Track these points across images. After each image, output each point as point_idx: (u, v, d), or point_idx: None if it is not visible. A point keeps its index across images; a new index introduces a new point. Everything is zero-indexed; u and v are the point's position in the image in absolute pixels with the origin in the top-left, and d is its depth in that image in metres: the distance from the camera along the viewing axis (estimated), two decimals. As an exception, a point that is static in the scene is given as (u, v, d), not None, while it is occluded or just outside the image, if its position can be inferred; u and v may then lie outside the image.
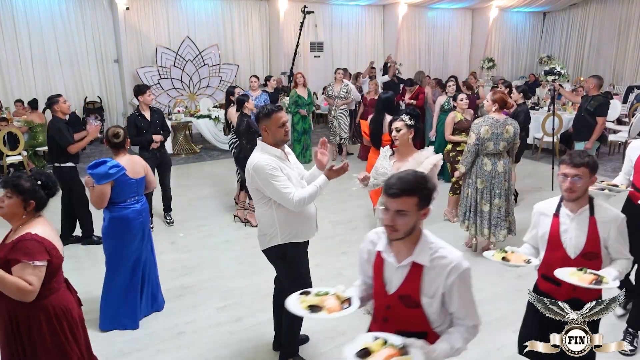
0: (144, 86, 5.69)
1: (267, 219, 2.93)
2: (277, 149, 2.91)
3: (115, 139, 3.73)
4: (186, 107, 10.47)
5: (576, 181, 2.35)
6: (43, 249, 2.29)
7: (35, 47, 10.04)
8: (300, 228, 2.97)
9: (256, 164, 2.81)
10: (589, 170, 2.35)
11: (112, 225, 3.62)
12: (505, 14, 15.40)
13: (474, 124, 4.77)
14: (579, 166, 2.34)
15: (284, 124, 2.89)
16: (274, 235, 2.93)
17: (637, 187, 3.39)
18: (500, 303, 4.01)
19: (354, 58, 13.63)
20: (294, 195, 2.78)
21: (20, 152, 7.86)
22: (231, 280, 4.46)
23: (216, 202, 6.70)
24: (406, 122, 3.49)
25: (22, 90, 9.93)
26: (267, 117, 2.87)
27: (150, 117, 5.55)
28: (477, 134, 4.65)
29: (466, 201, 4.91)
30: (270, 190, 2.80)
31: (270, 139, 2.90)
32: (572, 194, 2.36)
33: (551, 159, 7.19)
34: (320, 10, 12.74)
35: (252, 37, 12.34)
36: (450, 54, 15.25)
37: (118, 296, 3.68)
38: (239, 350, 3.43)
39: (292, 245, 2.97)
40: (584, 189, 2.39)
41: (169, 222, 5.85)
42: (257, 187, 2.86)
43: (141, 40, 11.00)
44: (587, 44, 15.10)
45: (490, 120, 4.67)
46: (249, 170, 2.86)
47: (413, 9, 13.93)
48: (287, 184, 2.81)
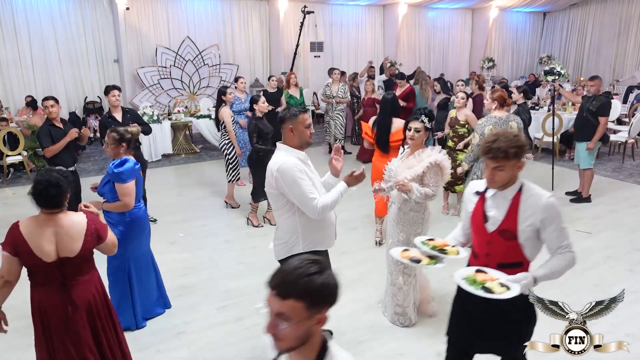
0: (109, 86, 5.44)
1: (289, 227, 2.82)
2: (300, 151, 2.81)
3: (128, 135, 3.65)
4: (186, 107, 10.47)
5: (497, 172, 2.28)
6: (11, 241, 2.47)
7: (35, 47, 10.04)
8: (322, 236, 2.88)
9: (281, 165, 2.67)
10: (509, 160, 2.25)
11: (132, 229, 3.58)
12: (505, 14, 15.40)
13: (478, 124, 4.85)
14: (499, 159, 2.25)
15: (310, 126, 2.82)
16: (295, 244, 2.82)
17: (476, 251, 2.52)
18: (500, 303, 4.00)
19: (354, 58, 13.63)
20: (318, 202, 2.67)
21: (20, 152, 7.86)
22: (231, 280, 4.46)
23: (216, 202, 6.70)
24: (425, 124, 3.46)
25: (22, 90, 9.93)
26: (294, 118, 2.77)
27: (122, 118, 5.36)
28: (482, 134, 4.71)
29: None
30: (296, 193, 2.67)
31: (295, 141, 2.79)
32: (493, 183, 2.32)
33: (551, 159, 7.19)
34: (320, 10, 12.73)
35: (252, 37, 12.34)
36: (450, 54, 15.25)
37: (126, 297, 3.65)
38: (239, 350, 3.43)
39: (315, 254, 2.90)
40: (509, 177, 2.30)
41: (152, 220, 5.59)
42: (281, 190, 2.72)
43: (141, 40, 11.00)
44: (587, 44, 15.10)
45: (493, 119, 4.75)
46: (272, 172, 2.71)
47: (413, 9, 13.93)
48: (312, 189, 2.70)
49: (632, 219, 5.81)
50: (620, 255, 4.92)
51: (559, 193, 6.45)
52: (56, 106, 4.96)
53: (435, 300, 4.03)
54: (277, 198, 2.79)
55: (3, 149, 7.73)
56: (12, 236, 2.47)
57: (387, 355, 3.35)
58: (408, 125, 3.52)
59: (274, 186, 2.74)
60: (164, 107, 10.58)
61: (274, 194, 2.79)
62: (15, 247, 2.46)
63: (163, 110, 10.30)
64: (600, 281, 4.38)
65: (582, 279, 4.42)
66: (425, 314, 3.81)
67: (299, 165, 2.71)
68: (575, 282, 4.37)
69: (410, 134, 3.48)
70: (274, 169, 2.70)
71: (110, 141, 3.61)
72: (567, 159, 8.89)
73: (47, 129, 4.89)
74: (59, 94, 10.48)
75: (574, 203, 6.42)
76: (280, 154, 2.77)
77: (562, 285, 4.31)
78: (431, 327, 3.67)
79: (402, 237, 3.55)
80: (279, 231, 2.92)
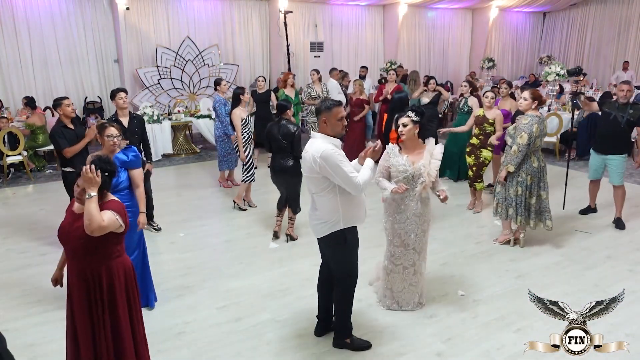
0: (115, 90, 5.27)
1: (331, 206, 3.08)
2: (335, 139, 3.08)
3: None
4: (186, 107, 10.47)
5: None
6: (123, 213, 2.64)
7: (35, 47, 10.04)
8: (357, 212, 3.17)
9: (324, 151, 2.94)
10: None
11: (131, 215, 3.58)
12: (505, 14, 15.40)
13: (524, 124, 4.70)
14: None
15: (343, 118, 3.09)
16: (337, 221, 3.09)
17: None
18: (500, 303, 4.01)
19: (354, 58, 13.63)
20: (359, 179, 2.97)
21: (20, 152, 7.86)
22: (231, 280, 4.46)
23: (216, 202, 6.70)
24: (412, 118, 3.63)
25: (22, 90, 9.93)
26: (329, 110, 3.05)
27: (128, 123, 5.15)
28: (530, 133, 4.63)
29: (517, 199, 4.89)
30: (341, 175, 2.94)
31: (329, 131, 3.07)
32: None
33: (552, 159, 7.18)
34: (320, 10, 12.74)
35: (252, 37, 12.34)
36: (450, 54, 15.25)
37: None
38: (238, 350, 3.43)
39: (352, 229, 3.19)
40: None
41: (156, 228, 5.63)
42: (325, 174, 2.97)
43: (141, 40, 10.99)
44: (587, 44, 15.10)
45: (537, 119, 4.71)
46: (315, 159, 2.96)
47: (413, 9, 13.93)
48: (352, 170, 3.00)
49: (632, 219, 5.81)
50: (620, 255, 4.92)
51: (571, 207, 6.31)
52: (71, 105, 4.95)
53: (436, 300, 4.05)
54: (319, 182, 3.06)
55: (3, 149, 7.73)
56: (119, 206, 2.63)
57: (387, 355, 3.36)
58: (399, 122, 3.68)
59: (316, 171, 3.00)
60: (164, 107, 10.58)
61: (316, 178, 3.05)
62: (125, 219, 2.64)
63: (163, 110, 10.30)
64: (600, 281, 4.38)
65: (582, 279, 4.42)
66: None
67: (338, 150, 3.01)
68: (575, 282, 4.37)
69: (400, 129, 3.66)
70: (317, 155, 2.95)
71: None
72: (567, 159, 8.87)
73: (60, 131, 4.82)
74: (59, 94, 10.46)
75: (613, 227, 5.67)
76: (318, 142, 3.03)
77: (562, 285, 4.32)
78: (431, 327, 3.67)
79: (425, 227, 3.78)
80: (318, 212, 3.16)
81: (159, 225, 5.68)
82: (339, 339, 3.40)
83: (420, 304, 3.95)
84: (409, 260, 3.81)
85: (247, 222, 5.93)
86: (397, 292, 3.88)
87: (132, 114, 5.37)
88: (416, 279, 3.87)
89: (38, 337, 3.58)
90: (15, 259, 4.94)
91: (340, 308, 3.34)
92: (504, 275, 4.49)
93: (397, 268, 3.82)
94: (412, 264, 3.83)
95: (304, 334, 3.58)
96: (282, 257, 4.96)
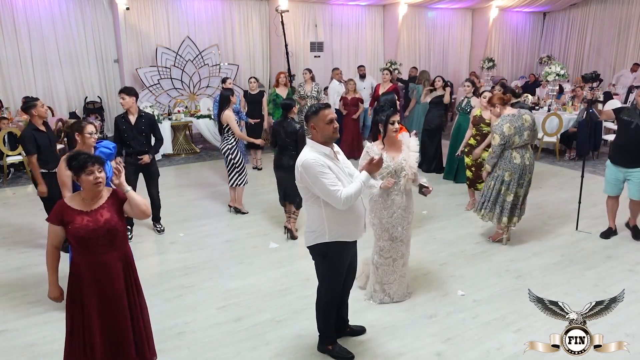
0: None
1: (316, 217, 2.97)
2: (326, 147, 2.91)
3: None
4: (186, 107, 10.46)
5: None
6: None
7: (35, 47, 10.03)
8: (348, 228, 2.99)
9: (304, 161, 2.83)
10: None
11: None
12: (505, 14, 15.39)
13: (495, 125, 4.84)
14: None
15: (332, 121, 2.89)
16: (322, 233, 2.97)
17: None
18: (500, 303, 4.01)
19: (354, 58, 13.62)
20: (341, 193, 2.78)
21: (20, 152, 7.86)
22: (231, 280, 4.46)
23: (216, 202, 6.70)
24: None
25: (22, 90, 9.93)
26: (315, 115, 2.89)
27: (135, 121, 5.36)
28: (501, 133, 4.72)
29: (487, 192, 4.99)
30: (319, 187, 2.80)
31: (318, 137, 2.91)
32: None
33: (552, 159, 7.18)
34: (320, 10, 12.73)
35: (252, 37, 12.33)
36: (450, 54, 15.24)
37: None
38: (238, 350, 3.43)
39: (337, 244, 3.00)
40: None
41: (160, 230, 5.64)
42: (306, 184, 2.87)
43: (141, 40, 10.99)
44: (587, 44, 15.10)
45: (508, 117, 4.76)
46: (297, 168, 2.88)
47: (413, 9, 13.93)
48: (335, 182, 2.81)
49: (632, 219, 5.80)
50: (620, 255, 4.92)
51: (571, 207, 6.34)
52: (45, 105, 4.98)
53: (436, 300, 4.05)
54: (304, 191, 2.97)
55: (3, 149, 7.73)
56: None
57: (387, 355, 3.36)
58: (391, 120, 3.70)
59: (300, 180, 2.92)
60: (164, 107, 10.57)
61: (302, 187, 2.96)
62: None
63: (163, 110, 10.30)
64: (600, 281, 4.38)
65: (582, 279, 4.42)
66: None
67: (321, 160, 2.82)
68: (575, 282, 4.37)
69: (396, 127, 3.71)
70: (299, 164, 2.87)
71: None
72: (566, 159, 8.89)
73: (31, 134, 4.74)
74: (59, 94, 10.52)
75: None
76: (306, 150, 2.92)
77: (562, 285, 4.32)
78: (431, 327, 3.67)
79: (410, 219, 3.88)
80: (308, 221, 3.08)
81: (163, 227, 5.68)
82: (322, 344, 3.36)
83: (409, 293, 4.08)
84: (398, 252, 3.91)
85: (247, 222, 5.93)
86: (387, 284, 3.96)
87: (142, 111, 5.51)
88: (405, 270, 4.02)
89: (38, 337, 3.58)
90: (15, 259, 4.94)
91: (319, 316, 3.27)
92: (504, 275, 4.49)
93: (387, 261, 3.91)
94: (401, 256, 3.94)
95: (304, 334, 3.58)
96: (282, 257, 4.96)
